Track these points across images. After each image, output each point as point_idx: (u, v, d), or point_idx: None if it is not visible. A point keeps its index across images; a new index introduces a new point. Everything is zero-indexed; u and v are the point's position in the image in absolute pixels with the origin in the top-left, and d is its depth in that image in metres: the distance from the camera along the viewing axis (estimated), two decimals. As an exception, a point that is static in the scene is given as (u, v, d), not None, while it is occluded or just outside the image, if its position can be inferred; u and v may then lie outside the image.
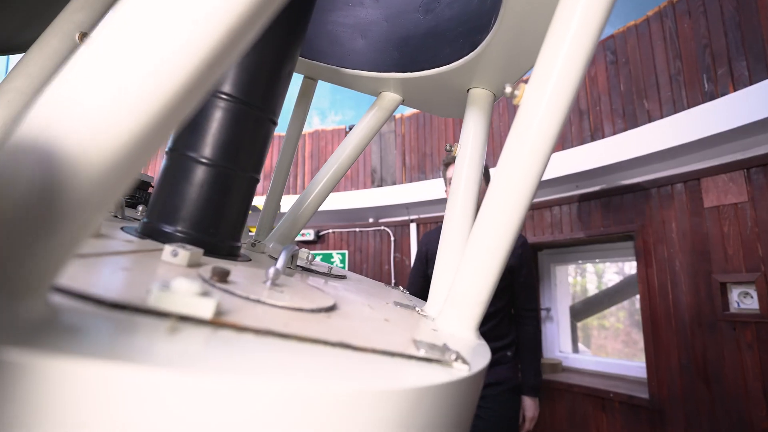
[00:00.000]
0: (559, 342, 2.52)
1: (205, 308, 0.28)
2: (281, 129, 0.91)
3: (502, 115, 2.92)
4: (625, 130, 2.16)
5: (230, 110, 0.57)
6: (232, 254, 0.60)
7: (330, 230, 3.66)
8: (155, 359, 0.21)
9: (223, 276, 0.39)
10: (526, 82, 0.49)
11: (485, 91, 0.83)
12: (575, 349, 2.55)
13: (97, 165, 0.21)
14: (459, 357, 0.37)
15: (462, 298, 0.53)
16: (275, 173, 1.04)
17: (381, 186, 3.45)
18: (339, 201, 3.34)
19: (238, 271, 0.45)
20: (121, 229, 0.54)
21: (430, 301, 0.67)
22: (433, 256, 1.63)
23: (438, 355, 0.37)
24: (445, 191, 1.80)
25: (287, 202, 0.99)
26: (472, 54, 0.73)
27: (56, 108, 0.20)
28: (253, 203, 0.66)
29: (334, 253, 3.57)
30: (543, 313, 2.57)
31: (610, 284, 3.11)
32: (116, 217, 0.64)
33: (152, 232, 0.54)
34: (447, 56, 0.80)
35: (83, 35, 0.75)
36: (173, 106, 0.22)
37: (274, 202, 1.04)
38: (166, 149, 0.57)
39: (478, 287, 0.52)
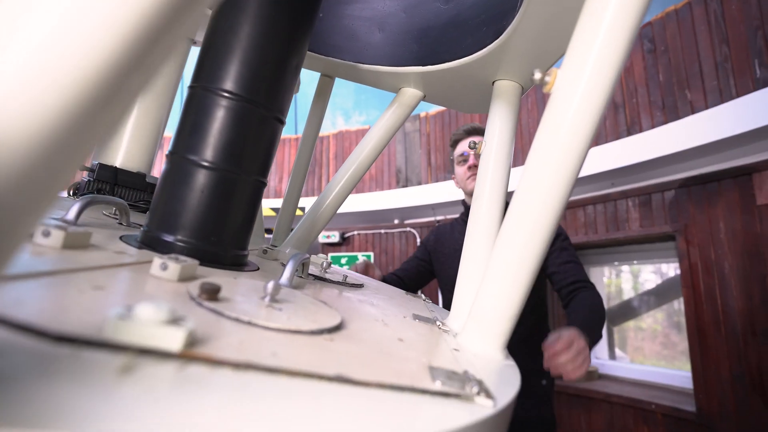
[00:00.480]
0: (594, 348, 2.39)
1: (172, 339, 0.24)
2: (290, 130, 0.87)
3: (531, 110, 2.81)
4: (665, 123, 2.02)
5: (232, 109, 0.53)
6: (238, 264, 0.56)
7: (355, 232, 3.63)
8: (79, 418, 0.16)
9: (212, 293, 0.34)
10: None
11: (512, 83, 0.76)
12: (612, 356, 2.41)
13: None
14: (482, 389, 0.31)
15: (487, 311, 0.47)
16: (292, 174, 1.01)
17: (406, 186, 3.39)
18: (364, 202, 3.30)
19: (235, 285, 0.41)
20: (120, 238, 0.50)
21: (454, 312, 0.61)
22: (442, 256, 1.53)
23: (457, 387, 0.31)
24: (453, 178, 1.58)
25: (310, 205, 0.95)
26: (496, 42, 0.67)
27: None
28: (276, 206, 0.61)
29: (359, 255, 3.53)
30: (577, 318, 2.45)
31: (647, 284, 2.96)
32: (121, 224, 0.61)
33: (152, 242, 0.51)
34: (470, 46, 0.74)
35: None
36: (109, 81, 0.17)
37: (291, 204, 1.01)
38: (167, 152, 0.53)
39: (505, 300, 0.46)
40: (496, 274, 0.46)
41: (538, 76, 0.44)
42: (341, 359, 0.31)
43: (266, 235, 1.04)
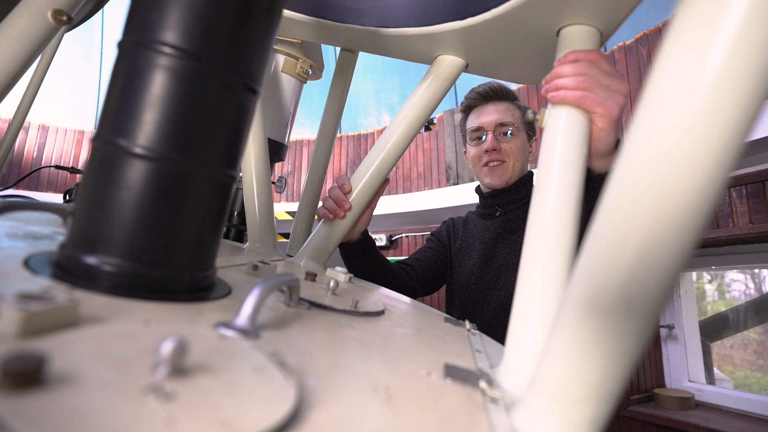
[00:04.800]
0: (687, 369, 2.01)
1: None
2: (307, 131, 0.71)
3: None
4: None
5: (177, 71, 0.37)
6: (198, 289, 0.40)
7: (403, 234, 3.44)
8: None
9: (22, 378, 0.18)
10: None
11: (586, 28, 0.55)
12: (710, 379, 2.02)
13: None
14: None
15: (563, 383, 0.27)
16: (310, 170, 0.85)
17: (457, 184, 3.15)
18: (412, 202, 3.10)
19: (120, 343, 0.25)
20: (25, 262, 0.36)
21: (507, 359, 0.42)
22: (452, 250, 1.13)
23: None
24: (464, 153, 1.19)
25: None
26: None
27: None
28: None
29: (410, 258, 3.34)
30: (664, 332, 2.09)
31: (732, 288, 2.54)
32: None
33: (69, 265, 0.36)
34: (524, -19, 0.53)
35: (58, 13, 0.62)
36: None
37: (309, 207, 0.85)
38: (91, 137, 0.39)
39: (593, 367, 0.26)
40: (578, 320, 0.26)
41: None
42: None
43: (284, 240, 0.89)
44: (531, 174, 1.09)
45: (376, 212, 0.88)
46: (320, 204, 0.77)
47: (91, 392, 0.19)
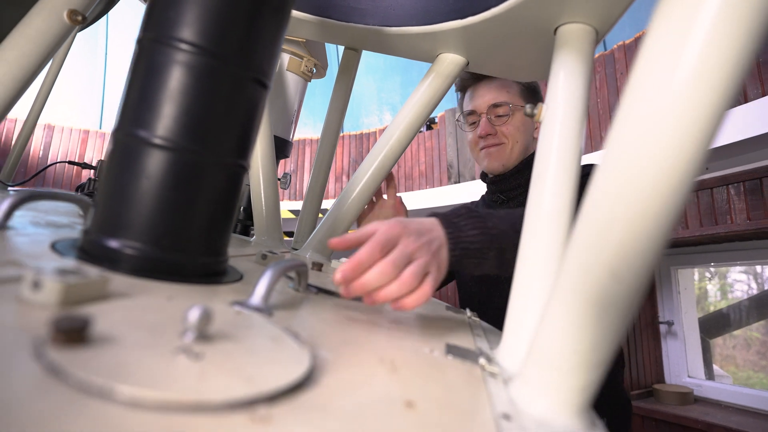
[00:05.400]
0: (687, 365, 2.03)
1: None
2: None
3: (600, 88, 2.48)
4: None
5: (193, 66, 0.39)
6: (210, 274, 0.42)
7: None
8: None
9: (72, 334, 0.20)
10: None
11: (582, 26, 0.57)
12: (710, 375, 2.03)
13: None
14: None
15: (557, 351, 0.29)
16: (314, 168, 0.87)
17: (459, 182, 3.17)
18: (413, 200, 3.13)
19: (147, 312, 0.27)
20: (53, 245, 0.38)
21: (506, 339, 0.44)
22: None
23: None
24: (467, 136, 1.05)
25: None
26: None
27: None
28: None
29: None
30: (663, 328, 2.10)
31: (735, 287, 2.54)
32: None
33: (93, 249, 0.38)
34: (522, -19, 0.56)
35: (73, 13, 0.64)
36: None
37: (313, 203, 0.87)
38: (112, 130, 0.41)
39: (584, 338, 0.28)
40: (570, 297, 0.28)
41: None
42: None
43: (288, 239, 0.91)
44: (533, 156, 1.08)
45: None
46: (323, 204, 0.80)
47: (129, 350, 0.21)
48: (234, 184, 0.43)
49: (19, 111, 0.85)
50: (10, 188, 0.87)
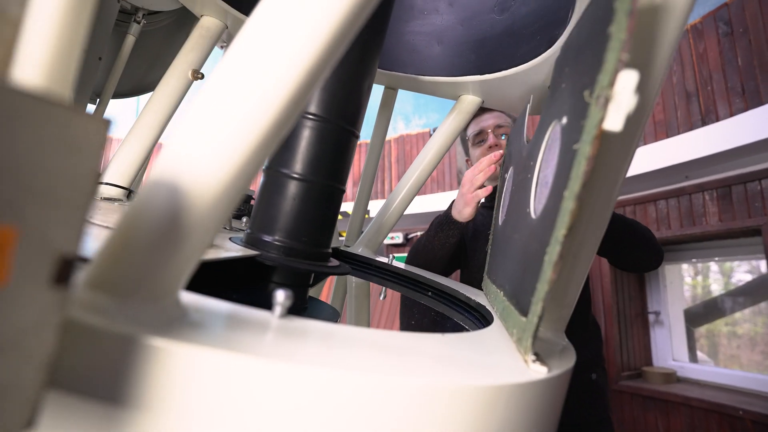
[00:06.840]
0: (672, 349, 2.27)
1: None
2: (366, 136, 0.96)
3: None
4: (745, 110, 1.88)
5: (315, 128, 0.62)
6: (323, 259, 0.65)
7: (418, 233, 3.70)
8: (257, 350, 0.25)
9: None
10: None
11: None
12: (693, 358, 2.27)
13: (213, 189, 0.25)
14: (538, 358, 0.37)
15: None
16: (362, 180, 1.10)
17: (466, 187, 3.40)
18: (426, 203, 3.36)
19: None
20: (230, 239, 0.62)
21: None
22: (465, 238, 1.31)
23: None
24: (467, 161, 1.38)
25: (375, 207, 1.04)
26: (550, 50, 0.71)
27: (179, 147, 0.26)
28: (344, 209, 0.70)
29: (421, 255, 3.59)
30: (652, 317, 2.34)
31: (739, 285, 2.71)
32: (225, 228, 0.73)
33: (254, 241, 0.61)
34: (525, 54, 0.79)
35: (195, 72, 0.87)
36: (273, 132, 0.26)
37: (361, 207, 1.10)
38: (263, 168, 0.64)
39: (560, 284, 0.51)
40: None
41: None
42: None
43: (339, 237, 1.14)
44: None
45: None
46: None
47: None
48: (337, 199, 0.66)
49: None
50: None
